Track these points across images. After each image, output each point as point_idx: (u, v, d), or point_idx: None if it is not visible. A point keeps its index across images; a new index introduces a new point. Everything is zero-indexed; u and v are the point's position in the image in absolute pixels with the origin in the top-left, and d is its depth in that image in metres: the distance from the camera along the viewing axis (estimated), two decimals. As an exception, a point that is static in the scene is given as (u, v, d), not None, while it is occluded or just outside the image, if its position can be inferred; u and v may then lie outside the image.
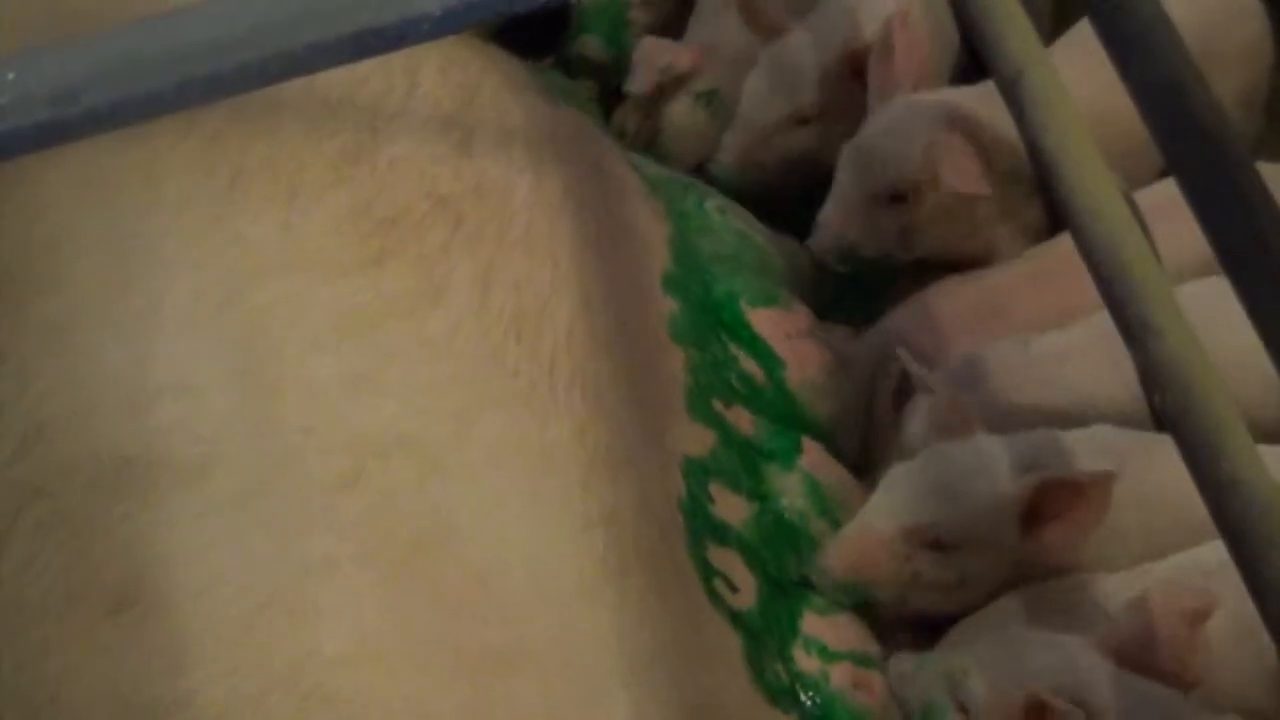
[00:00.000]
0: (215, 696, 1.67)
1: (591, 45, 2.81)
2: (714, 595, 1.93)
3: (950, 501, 1.96)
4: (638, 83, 2.70)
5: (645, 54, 2.72)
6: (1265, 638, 1.36)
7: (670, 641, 1.82)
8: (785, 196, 2.50)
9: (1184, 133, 1.44)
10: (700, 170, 2.67)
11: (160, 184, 1.96)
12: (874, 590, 2.00)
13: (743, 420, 2.13)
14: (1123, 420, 2.07)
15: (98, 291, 1.91)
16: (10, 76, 0.98)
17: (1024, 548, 1.98)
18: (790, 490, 2.10)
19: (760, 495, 2.07)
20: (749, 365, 2.19)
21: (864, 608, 2.04)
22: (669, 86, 2.72)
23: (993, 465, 1.98)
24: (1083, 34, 2.26)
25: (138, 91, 0.96)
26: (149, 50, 0.97)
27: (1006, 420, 2.09)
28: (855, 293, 2.47)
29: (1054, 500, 1.96)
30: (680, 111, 2.72)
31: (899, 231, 2.37)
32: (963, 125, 2.33)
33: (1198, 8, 2.27)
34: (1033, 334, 2.25)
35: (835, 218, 2.39)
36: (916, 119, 2.35)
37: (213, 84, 0.96)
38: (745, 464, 2.08)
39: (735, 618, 1.93)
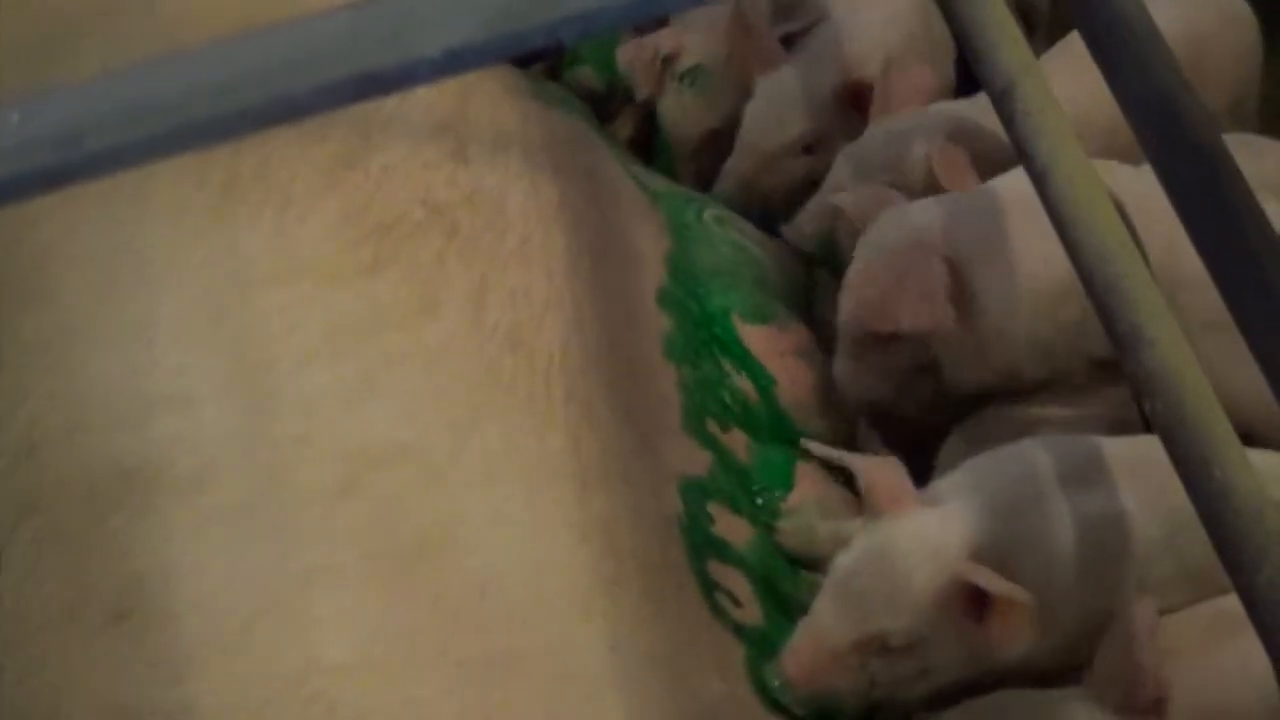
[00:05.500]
0: (216, 705, 1.71)
1: (585, 75, 2.84)
2: (716, 608, 1.96)
3: (891, 604, 1.86)
4: (642, 88, 2.74)
5: (631, 58, 2.74)
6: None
7: (667, 649, 1.86)
8: (786, 218, 2.51)
9: (1175, 146, 1.46)
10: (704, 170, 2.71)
11: (151, 194, 1.99)
12: (837, 697, 1.93)
13: (738, 444, 2.14)
14: None
15: (90, 304, 1.95)
16: (14, 119, 1.00)
17: (974, 638, 1.87)
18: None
19: (761, 522, 2.10)
20: (741, 382, 2.21)
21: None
22: (663, 75, 2.74)
23: (937, 548, 1.86)
24: (1071, 46, 2.27)
25: (141, 135, 0.99)
26: (151, 94, 0.99)
27: None
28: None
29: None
30: (669, 99, 2.75)
31: None
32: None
33: (1188, 16, 2.29)
34: None
35: (820, 207, 2.43)
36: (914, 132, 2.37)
37: (214, 127, 0.99)
38: (743, 488, 2.10)
39: (739, 630, 1.96)
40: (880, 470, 1.95)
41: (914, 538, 1.88)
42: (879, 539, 1.89)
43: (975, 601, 1.84)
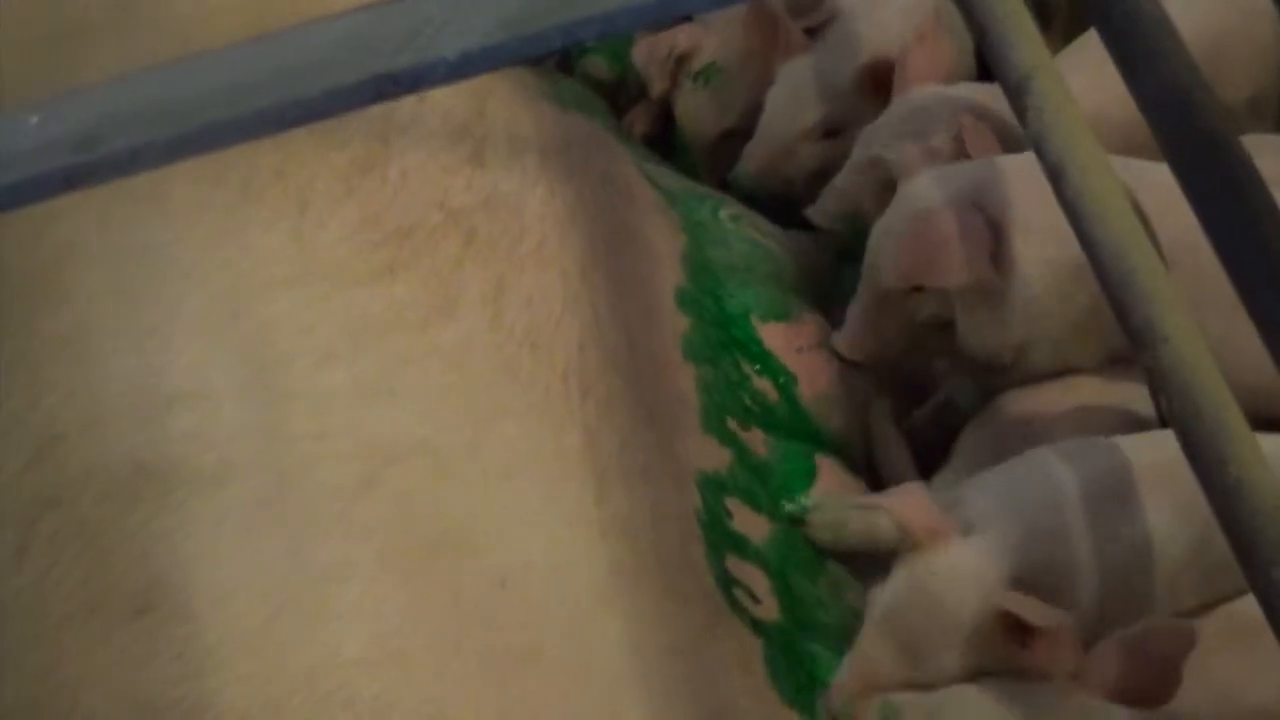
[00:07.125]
0: (236, 700, 1.72)
1: (597, 65, 2.86)
2: (734, 603, 1.97)
3: (942, 639, 1.88)
4: (656, 85, 2.74)
5: (644, 57, 2.75)
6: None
7: (687, 644, 1.87)
8: (804, 203, 2.52)
9: (1191, 143, 1.46)
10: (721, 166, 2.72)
11: (169, 194, 2.00)
12: None
13: (756, 441, 2.15)
14: None
15: (108, 303, 1.96)
16: (34, 122, 1.01)
17: (1024, 662, 1.88)
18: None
19: (779, 518, 2.10)
20: (761, 383, 2.22)
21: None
22: (677, 73, 2.74)
23: (978, 578, 1.88)
24: (1090, 43, 2.26)
25: (159, 137, 1.00)
26: (169, 96, 1.00)
27: None
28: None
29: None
30: (684, 97, 2.75)
31: None
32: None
33: (1208, 11, 2.28)
34: None
35: (845, 186, 2.44)
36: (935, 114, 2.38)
37: (232, 129, 0.99)
38: (762, 485, 2.11)
39: (757, 625, 1.97)
40: (909, 501, 1.95)
41: (955, 570, 1.89)
42: (919, 574, 1.90)
43: (1021, 624, 1.85)
